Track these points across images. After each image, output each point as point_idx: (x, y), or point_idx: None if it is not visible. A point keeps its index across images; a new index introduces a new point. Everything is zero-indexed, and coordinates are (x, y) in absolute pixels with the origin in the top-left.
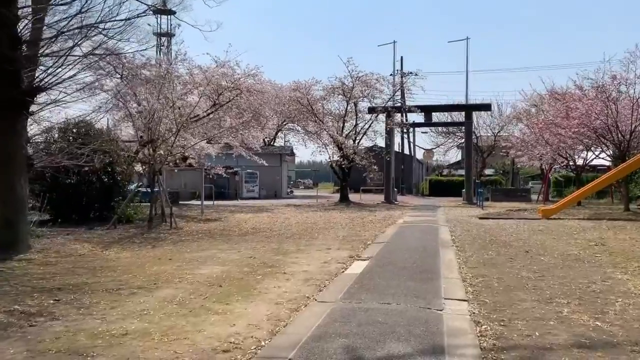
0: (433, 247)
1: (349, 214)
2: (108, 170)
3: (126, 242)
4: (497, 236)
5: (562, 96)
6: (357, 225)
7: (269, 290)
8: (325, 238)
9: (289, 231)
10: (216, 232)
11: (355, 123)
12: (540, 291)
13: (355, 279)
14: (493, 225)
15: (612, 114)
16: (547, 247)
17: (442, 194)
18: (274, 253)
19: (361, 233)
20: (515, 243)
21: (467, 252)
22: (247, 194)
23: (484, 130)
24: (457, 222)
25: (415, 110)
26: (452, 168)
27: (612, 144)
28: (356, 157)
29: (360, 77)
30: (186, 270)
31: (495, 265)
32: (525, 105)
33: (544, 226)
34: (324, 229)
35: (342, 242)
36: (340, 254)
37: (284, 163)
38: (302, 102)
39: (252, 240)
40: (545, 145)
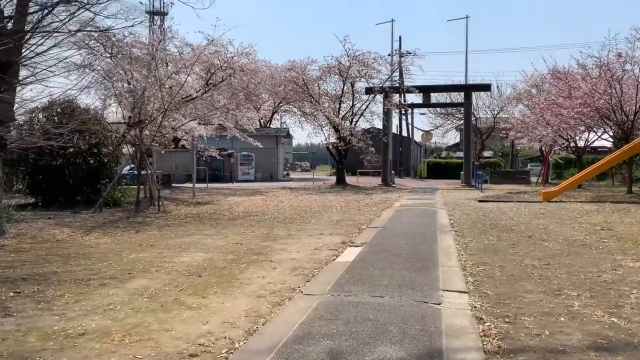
0: (430, 232)
1: (344, 197)
2: (94, 151)
3: (109, 226)
4: (497, 220)
5: (564, 75)
6: (352, 208)
7: (252, 280)
8: (318, 222)
9: (282, 215)
10: (205, 216)
11: (352, 104)
12: (547, 281)
13: (346, 268)
14: (493, 209)
15: (616, 94)
16: (550, 231)
17: (441, 176)
18: (263, 239)
19: (356, 217)
20: (517, 227)
21: (466, 238)
22: (242, 177)
23: (483, 111)
24: (456, 205)
25: (413, 91)
26: (450, 150)
27: (616, 124)
28: (353, 139)
29: (357, 56)
30: (166, 257)
31: (497, 252)
32: (525, 86)
33: (545, 209)
34: (318, 212)
35: (335, 226)
36: (333, 240)
37: (280, 145)
38: (298, 83)
39: (241, 225)
40: (546, 126)
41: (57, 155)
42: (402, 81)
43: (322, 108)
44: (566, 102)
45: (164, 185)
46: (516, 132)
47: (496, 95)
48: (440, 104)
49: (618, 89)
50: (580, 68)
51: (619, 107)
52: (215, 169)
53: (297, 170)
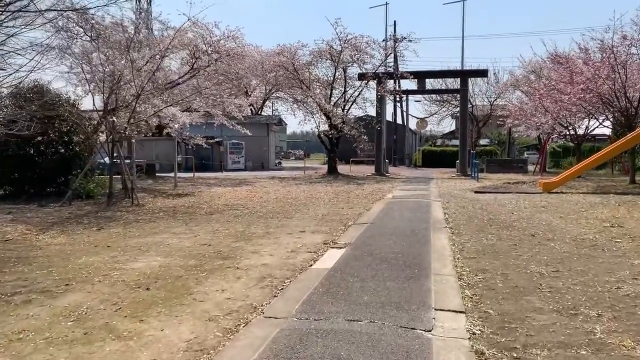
0: (423, 230)
1: (334, 188)
2: (65, 140)
3: (72, 222)
4: (495, 214)
5: (565, 59)
6: (341, 201)
7: (208, 295)
8: (302, 217)
9: (264, 208)
10: (181, 210)
11: (344, 90)
12: (559, 295)
13: (322, 278)
14: (490, 201)
15: (619, 79)
16: (555, 228)
17: (436, 164)
18: (236, 238)
19: (344, 211)
20: (518, 223)
21: (462, 236)
22: (232, 166)
23: (480, 98)
24: (451, 197)
25: (407, 77)
26: (446, 138)
27: (618, 111)
28: (345, 127)
29: (349, 40)
30: (118, 263)
31: (497, 254)
32: (523, 72)
33: (546, 202)
34: (303, 205)
35: (320, 222)
36: (314, 239)
37: (272, 133)
38: (288, 68)
39: (217, 221)
40: (545, 114)
41: (25, 145)
42: (397, 67)
43: (312, 94)
44: (567, 88)
45: (148, 175)
46: (514, 120)
47: (493, 82)
48: (435, 91)
49: (622, 73)
50: (582, 52)
51: (622, 93)
52: (204, 158)
53: (290, 159)
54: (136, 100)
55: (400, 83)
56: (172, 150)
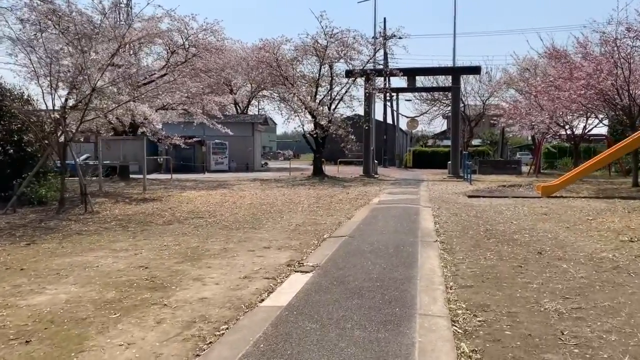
0: (409, 245)
1: (318, 191)
2: (15, 139)
3: (4, 234)
4: (493, 224)
5: (564, 54)
6: (322, 206)
7: (104, 354)
8: (272, 228)
9: (233, 216)
10: (137, 219)
11: (330, 87)
12: (591, 353)
13: (269, 325)
14: (486, 207)
15: (623, 74)
16: (564, 243)
17: (427, 165)
18: (184, 257)
19: (322, 219)
20: (519, 236)
21: (456, 254)
22: (215, 167)
23: (472, 97)
24: (443, 202)
25: (397, 74)
26: (437, 138)
27: (621, 110)
28: (331, 126)
29: (335, 34)
30: (18, 295)
31: (500, 281)
32: (517, 70)
33: (547, 208)
34: (278, 212)
35: (291, 234)
36: (278, 259)
37: (257, 132)
38: (271, 64)
39: (172, 233)
40: (541, 112)
41: None
42: (387, 63)
43: (296, 91)
44: (566, 84)
45: (122, 177)
46: (507, 119)
47: (485, 81)
48: (426, 89)
49: (626, 68)
50: (580, 47)
51: (625, 90)
52: (185, 159)
53: (280, 159)
54: (89, 95)
55: (390, 81)
56: (140, 150)
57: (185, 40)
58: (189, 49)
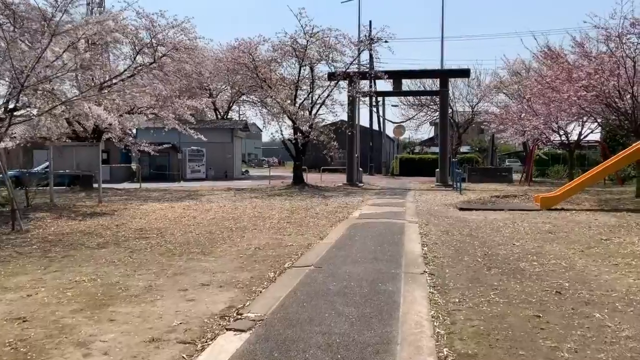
0: (390, 280)
1: (294, 203)
2: None
3: None
4: (491, 246)
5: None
6: (293, 222)
7: None
8: (224, 252)
9: (185, 236)
10: (69, 240)
11: (311, 90)
12: None
13: None
14: (480, 222)
15: (626, 73)
16: (585, 276)
17: (414, 173)
18: (87, 302)
19: (289, 240)
20: (527, 264)
21: (450, 295)
22: (191, 175)
23: (460, 103)
24: (431, 216)
25: (382, 77)
26: (424, 145)
27: (623, 114)
28: (313, 132)
29: (315, 33)
30: None
31: (514, 345)
32: (507, 73)
33: (550, 223)
34: (240, 230)
35: (243, 263)
36: (211, 306)
37: (237, 139)
38: (248, 66)
39: (98, 260)
40: (534, 116)
41: None
42: (372, 66)
43: (273, 94)
44: (564, 86)
45: (83, 187)
46: (499, 124)
47: (474, 85)
48: (413, 92)
49: (630, 67)
50: (577, 47)
51: (629, 92)
52: (160, 167)
53: (264, 166)
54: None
55: (375, 84)
56: (96, 158)
57: (152, 38)
58: (157, 48)
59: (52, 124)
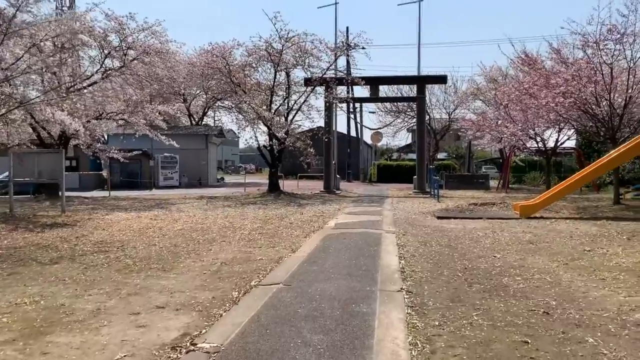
0: (364, 300)
1: (268, 212)
2: None
3: None
4: (471, 258)
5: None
6: (266, 233)
7: None
8: (187, 269)
9: (146, 250)
10: (20, 254)
11: (287, 96)
12: None
13: None
14: (459, 232)
15: (603, 80)
16: (573, 293)
17: (392, 180)
18: (23, 330)
19: (258, 254)
20: (510, 280)
21: (429, 317)
22: (164, 182)
23: (437, 110)
24: (409, 225)
25: (359, 83)
26: (402, 152)
27: (600, 121)
28: (289, 138)
29: (291, 38)
30: None
31: None
32: (484, 80)
33: (531, 233)
34: (208, 243)
35: (206, 281)
36: (163, 333)
37: (211, 145)
38: (221, 70)
39: (47, 278)
40: (511, 123)
41: None
42: (349, 72)
43: (248, 100)
44: (541, 92)
45: (49, 196)
46: (475, 131)
47: (451, 92)
48: (390, 98)
49: (607, 73)
50: (553, 53)
51: (606, 98)
52: (132, 174)
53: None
54: None
55: (352, 90)
56: (59, 165)
57: (122, 41)
58: (127, 51)
59: (13, 130)
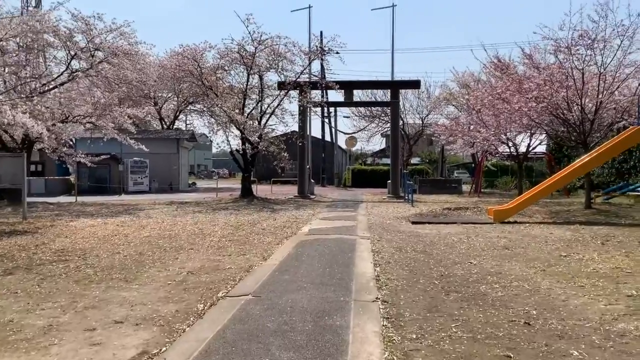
0: (338, 312)
1: (240, 217)
2: None
3: None
4: (447, 265)
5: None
6: (237, 240)
7: None
8: (151, 279)
9: (109, 259)
10: None
11: (260, 99)
12: None
13: None
14: (434, 237)
15: (574, 85)
16: (553, 301)
17: (366, 184)
18: None
19: (228, 262)
20: (488, 288)
21: (406, 329)
22: (133, 187)
23: (411, 115)
24: (384, 230)
25: (333, 87)
26: (376, 156)
27: (572, 125)
28: (262, 143)
29: (264, 40)
30: None
31: None
32: (457, 85)
33: (506, 238)
34: (175, 250)
35: (170, 292)
36: (118, 353)
37: (183, 149)
38: (193, 73)
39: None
40: (484, 128)
41: None
42: (323, 76)
43: (220, 103)
44: (514, 97)
45: (11, 202)
46: (448, 136)
47: (424, 97)
48: (364, 103)
49: (579, 78)
50: (526, 58)
51: (577, 103)
52: (101, 179)
53: (213, 178)
54: None
55: (327, 94)
56: (20, 170)
57: (89, 42)
58: (94, 52)
59: None
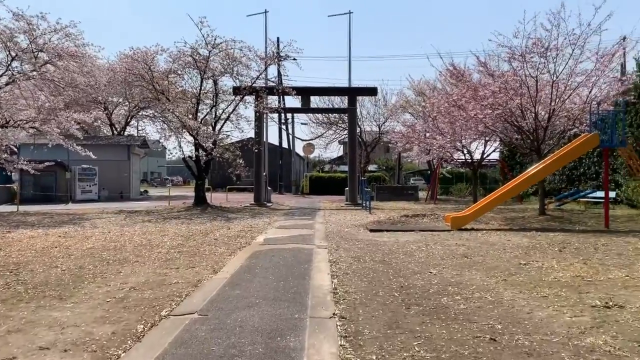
0: (292, 331)
1: (191, 227)
2: None
3: None
4: (407, 275)
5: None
6: (186, 251)
7: None
8: (88, 296)
9: (44, 274)
10: None
11: (214, 104)
12: None
13: None
14: (392, 246)
15: (528, 92)
16: (517, 314)
17: (324, 191)
18: None
19: (175, 276)
20: (449, 300)
21: (364, 348)
22: (82, 196)
23: (368, 122)
24: (341, 239)
25: (290, 92)
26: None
27: (526, 132)
28: (216, 149)
29: (218, 44)
30: None
31: None
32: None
33: (464, 246)
34: (119, 264)
35: (108, 312)
36: None
37: (135, 156)
38: (144, 76)
39: None
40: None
41: None
42: (280, 82)
43: (172, 107)
44: (469, 104)
45: None
46: (404, 144)
47: (381, 104)
48: (322, 109)
49: (532, 85)
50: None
51: (532, 111)
52: (46, 187)
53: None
54: None
55: (284, 100)
56: None
57: (31, 42)
58: (37, 54)
59: None
